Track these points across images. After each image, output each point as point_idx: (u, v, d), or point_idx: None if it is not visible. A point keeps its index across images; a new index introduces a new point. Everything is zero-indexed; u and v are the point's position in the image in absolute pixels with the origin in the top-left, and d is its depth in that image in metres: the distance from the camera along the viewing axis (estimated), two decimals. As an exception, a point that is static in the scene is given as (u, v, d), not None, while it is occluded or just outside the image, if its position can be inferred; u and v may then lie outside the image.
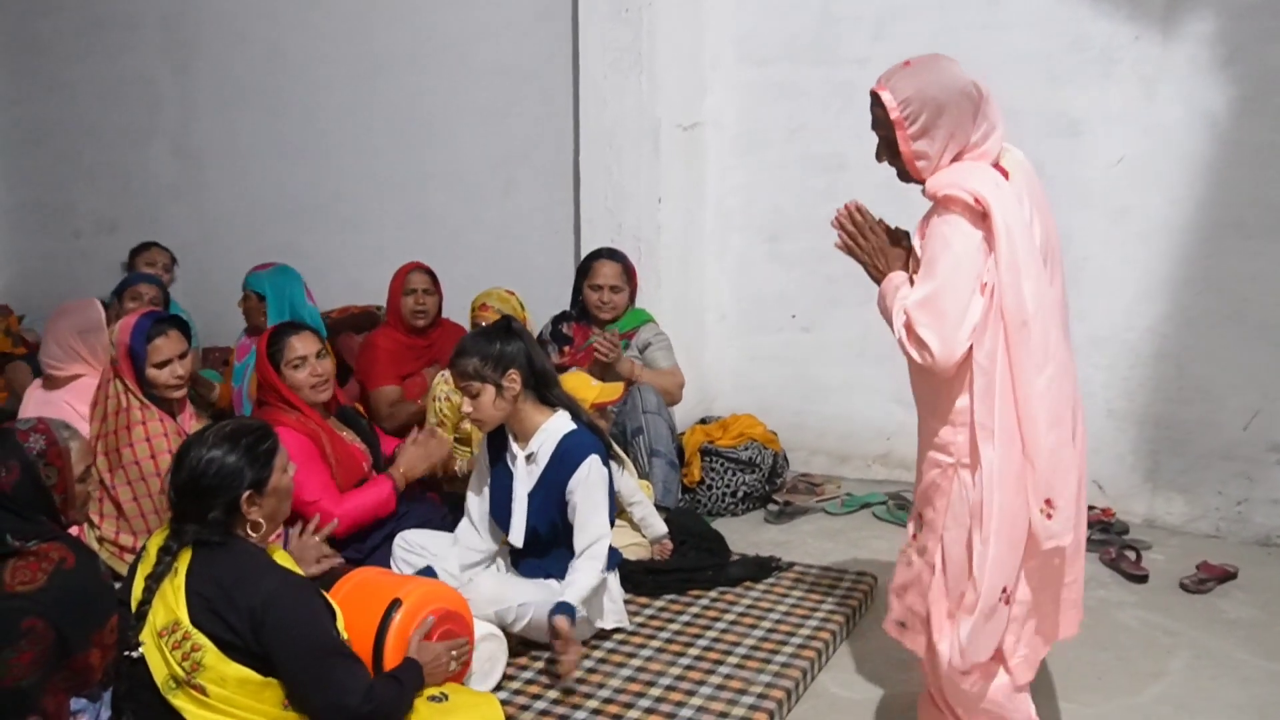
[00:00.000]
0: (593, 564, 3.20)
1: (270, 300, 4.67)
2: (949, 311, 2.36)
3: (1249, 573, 3.95)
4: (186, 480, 2.43)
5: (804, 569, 3.93)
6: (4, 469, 2.47)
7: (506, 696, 3.01)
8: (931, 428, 2.55)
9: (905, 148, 2.44)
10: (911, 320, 2.40)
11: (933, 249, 2.42)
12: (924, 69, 2.43)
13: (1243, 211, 4.21)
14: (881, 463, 5.09)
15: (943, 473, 2.51)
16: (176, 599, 2.35)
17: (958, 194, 2.37)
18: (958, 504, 2.47)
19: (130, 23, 6.75)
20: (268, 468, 2.49)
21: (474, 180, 5.76)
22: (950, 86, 2.41)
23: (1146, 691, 3.17)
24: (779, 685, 3.07)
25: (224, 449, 2.44)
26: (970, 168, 2.43)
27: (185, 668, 2.31)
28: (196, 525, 2.41)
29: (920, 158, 2.45)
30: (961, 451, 2.46)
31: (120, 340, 3.45)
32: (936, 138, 2.43)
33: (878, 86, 2.46)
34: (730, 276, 5.36)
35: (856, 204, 2.66)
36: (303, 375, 3.54)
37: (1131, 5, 4.34)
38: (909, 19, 4.76)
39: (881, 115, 2.46)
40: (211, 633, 2.33)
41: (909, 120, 2.42)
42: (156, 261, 5.59)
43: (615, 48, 4.90)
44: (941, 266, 2.38)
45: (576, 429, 3.33)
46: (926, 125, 2.42)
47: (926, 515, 2.57)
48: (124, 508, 3.38)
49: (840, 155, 4.96)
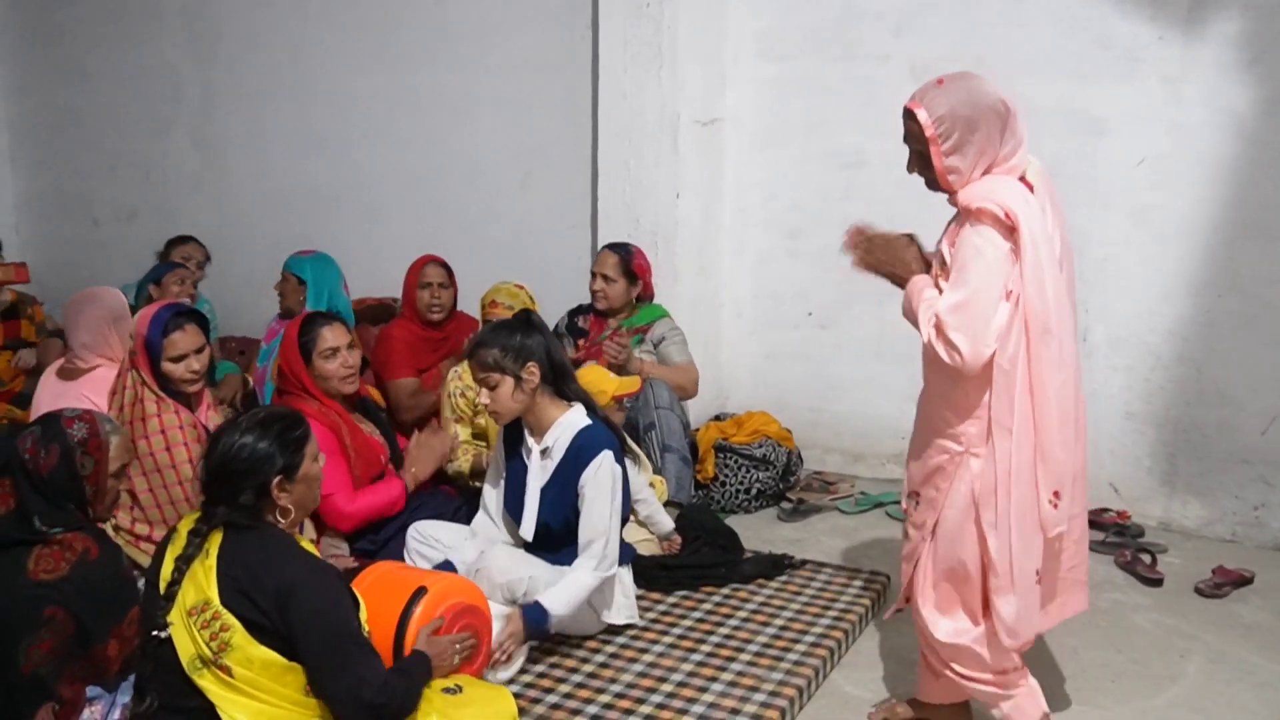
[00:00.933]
0: (589, 563, 3.19)
1: (310, 286, 4.70)
2: (979, 316, 2.49)
3: (1265, 577, 3.93)
4: (218, 464, 2.45)
5: (817, 567, 3.93)
6: (44, 451, 2.50)
7: (519, 689, 3.01)
8: (943, 417, 2.67)
9: (939, 163, 2.56)
10: (943, 323, 2.52)
11: (964, 257, 2.54)
12: (957, 87, 2.55)
13: (1265, 214, 4.18)
14: (896, 462, 5.08)
15: (950, 459, 2.66)
16: (208, 579, 2.37)
17: (990, 207, 2.50)
18: (961, 488, 2.65)
19: (152, 11, 6.79)
20: (299, 454, 2.52)
21: (493, 173, 5.77)
22: (981, 104, 2.53)
23: (1161, 695, 3.15)
24: (791, 683, 3.07)
25: (256, 434, 2.46)
26: (1000, 182, 2.56)
27: (213, 647, 2.33)
28: (226, 507, 2.44)
29: (952, 172, 2.57)
30: (972, 441, 2.62)
31: (139, 331, 3.46)
32: (968, 154, 2.55)
33: (912, 104, 2.57)
34: (748, 272, 5.35)
35: (858, 226, 2.80)
36: (334, 366, 3.58)
37: (1155, 5, 4.31)
38: (931, 15, 4.74)
39: (916, 131, 2.57)
40: (240, 614, 2.34)
41: (943, 137, 2.54)
42: (192, 257, 5.59)
43: (635, 42, 4.90)
44: (973, 274, 2.51)
45: (592, 424, 3.33)
46: (959, 142, 2.54)
47: (926, 494, 2.74)
48: (139, 498, 3.39)
49: (860, 151, 4.95)
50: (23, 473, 2.49)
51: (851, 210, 5.02)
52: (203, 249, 5.73)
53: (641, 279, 4.62)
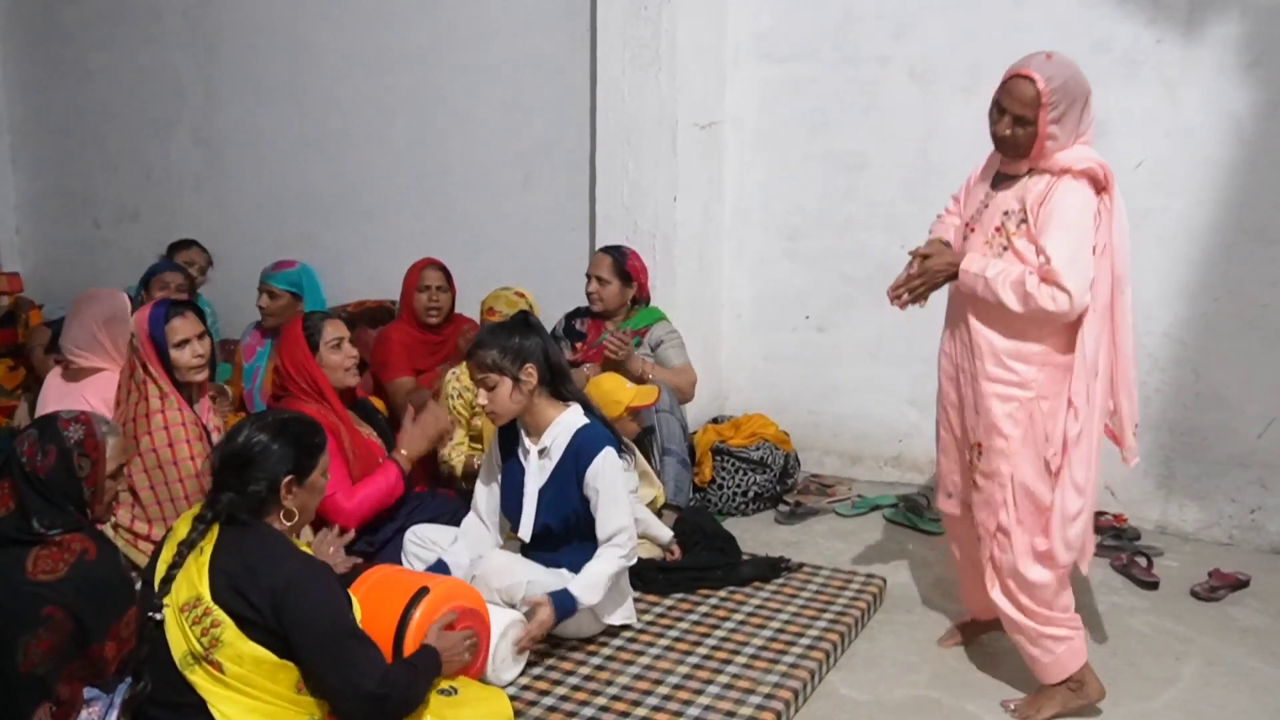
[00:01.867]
0: (615, 552, 3.23)
1: (308, 297, 4.72)
2: (1086, 265, 2.79)
3: (1262, 581, 3.93)
4: (234, 452, 2.50)
5: (814, 569, 3.93)
6: (42, 453, 2.53)
7: (515, 691, 3.02)
8: (1008, 369, 2.93)
9: (1044, 128, 2.79)
10: (1055, 272, 2.76)
11: (1067, 213, 2.81)
12: (1063, 62, 2.82)
13: (1265, 217, 4.18)
14: (894, 465, 5.08)
15: (1020, 406, 2.93)
16: (200, 575, 2.39)
17: (1093, 167, 2.81)
18: (1035, 431, 2.92)
19: (154, 13, 6.81)
20: (313, 460, 2.58)
21: (492, 175, 5.78)
22: (1082, 81, 2.83)
23: (1158, 698, 3.16)
24: (787, 685, 3.08)
25: (277, 430, 2.54)
26: (1090, 149, 2.87)
27: (204, 643, 2.35)
28: (234, 496, 2.46)
29: (1051, 138, 2.82)
30: (1042, 387, 2.91)
31: (140, 330, 3.49)
32: (1067, 123, 2.81)
33: (1028, 71, 2.79)
34: (747, 275, 5.35)
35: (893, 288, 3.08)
36: (339, 357, 3.70)
37: (1154, 8, 4.31)
38: (931, 19, 4.75)
39: (1028, 96, 2.79)
40: (232, 610, 2.36)
41: (1052, 106, 2.77)
42: (195, 261, 5.57)
43: (634, 44, 4.90)
44: (1077, 228, 2.81)
45: (590, 423, 3.34)
46: (1064, 111, 2.79)
47: (995, 444, 2.97)
48: (140, 495, 3.41)
49: (861, 154, 4.95)
50: (21, 474, 2.50)
51: (852, 212, 5.10)
52: (205, 253, 5.68)
53: (636, 280, 4.62)
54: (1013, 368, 2.92)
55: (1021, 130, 2.83)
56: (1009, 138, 2.86)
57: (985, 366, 2.96)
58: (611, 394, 3.85)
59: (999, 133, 2.88)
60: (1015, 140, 2.85)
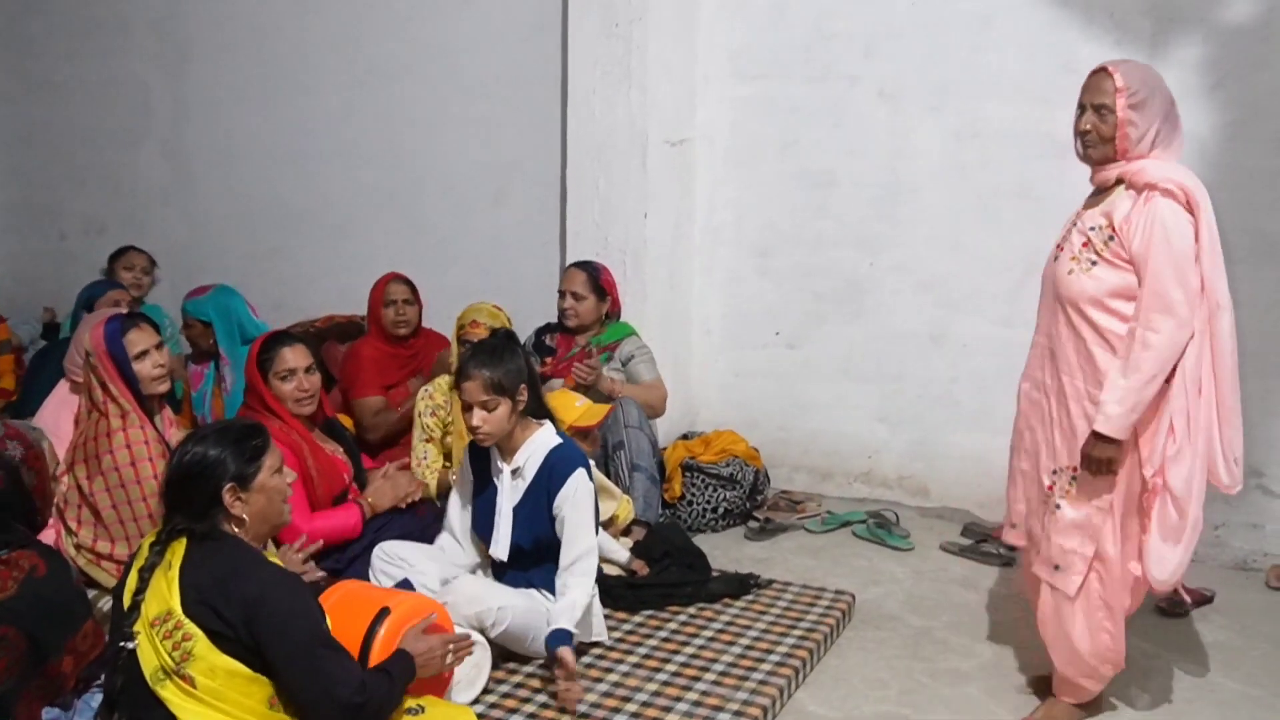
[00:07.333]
0: (583, 580, 3.20)
1: (217, 323, 4.57)
2: (1185, 285, 2.81)
3: (1226, 596, 3.97)
4: (174, 468, 2.46)
5: (783, 586, 3.93)
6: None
7: (483, 710, 3.00)
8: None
9: (1123, 113, 2.85)
10: (1172, 302, 2.78)
11: (1162, 234, 2.80)
12: (1141, 64, 2.96)
13: (1229, 238, 4.14)
14: (863, 480, 5.10)
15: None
16: (170, 589, 2.35)
17: (1173, 188, 2.82)
18: (1131, 453, 2.89)
19: (122, 25, 6.74)
20: (255, 464, 2.51)
21: (463, 190, 5.76)
22: (1161, 83, 2.91)
23: (1123, 714, 3.17)
24: (756, 702, 3.07)
25: (212, 441, 2.48)
26: (1178, 167, 2.88)
27: (175, 657, 2.31)
28: (182, 515, 2.43)
29: (1131, 125, 2.85)
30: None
31: (97, 348, 3.41)
32: (1146, 113, 2.86)
33: (1101, 66, 2.91)
34: (718, 291, 5.36)
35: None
36: (289, 388, 3.57)
37: (1119, 31, 4.37)
38: (900, 38, 4.79)
39: (1107, 85, 2.87)
40: (203, 623, 2.33)
41: (1131, 92, 2.84)
42: (135, 265, 5.54)
43: (605, 62, 4.91)
44: (1179, 249, 2.81)
45: (563, 443, 3.33)
46: (1143, 99, 2.85)
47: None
48: (102, 514, 3.35)
49: (831, 172, 4.98)
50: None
51: (822, 229, 5.12)
52: (145, 255, 5.64)
53: (610, 294, 4.63)
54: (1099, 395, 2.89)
55: (1101, 121, 2.88)
56: (1091, 132, 2.90)
57: (1084, 387, 2.93)
58: (558, 412, 3.82)
59: (1081, 128, 2.93)
60: (1098, 133, 2.89)
